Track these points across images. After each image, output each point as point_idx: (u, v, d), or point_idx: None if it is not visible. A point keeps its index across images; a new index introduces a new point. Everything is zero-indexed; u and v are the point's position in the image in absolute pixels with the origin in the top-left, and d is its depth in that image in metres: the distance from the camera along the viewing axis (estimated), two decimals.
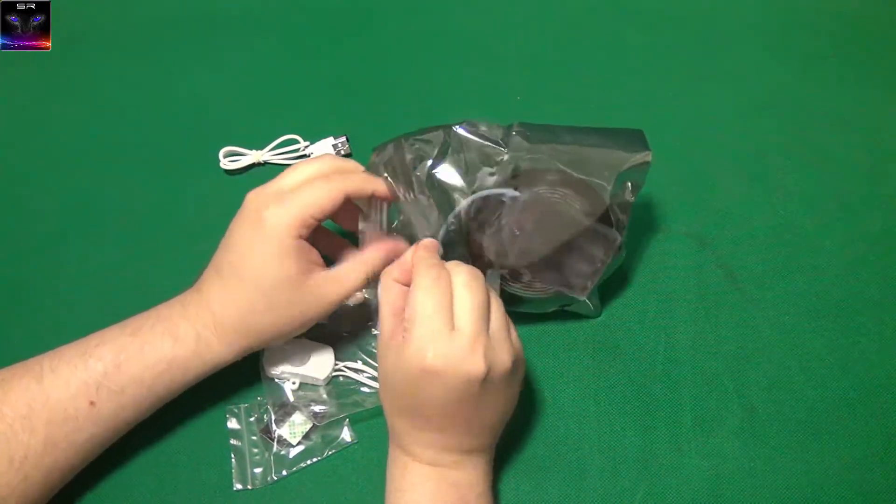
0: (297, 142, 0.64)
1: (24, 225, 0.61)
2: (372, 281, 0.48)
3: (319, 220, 0.45)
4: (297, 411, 0.50)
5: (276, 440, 0.49)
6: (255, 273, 0.44)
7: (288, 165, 0.55)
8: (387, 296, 0.44)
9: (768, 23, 0.76)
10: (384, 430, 0.49)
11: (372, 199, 0.48)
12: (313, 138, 0.64)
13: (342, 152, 0.64)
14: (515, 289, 0.50)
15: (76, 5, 0.76)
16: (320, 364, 0.51)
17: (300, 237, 0.45)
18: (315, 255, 0.47)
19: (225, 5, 0.77)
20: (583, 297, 0.50)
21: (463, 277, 0.42)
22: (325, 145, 0.64)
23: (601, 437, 0.50)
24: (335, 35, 0.75)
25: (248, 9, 0.77)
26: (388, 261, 0.47)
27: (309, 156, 0.64)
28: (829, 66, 0.72)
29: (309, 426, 0.49)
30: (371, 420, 0.50)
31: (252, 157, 0.63)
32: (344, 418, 0.50)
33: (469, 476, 0.44)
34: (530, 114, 0.68)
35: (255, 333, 0.46)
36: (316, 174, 0.46)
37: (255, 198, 0.46)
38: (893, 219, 0.61)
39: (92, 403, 0.43)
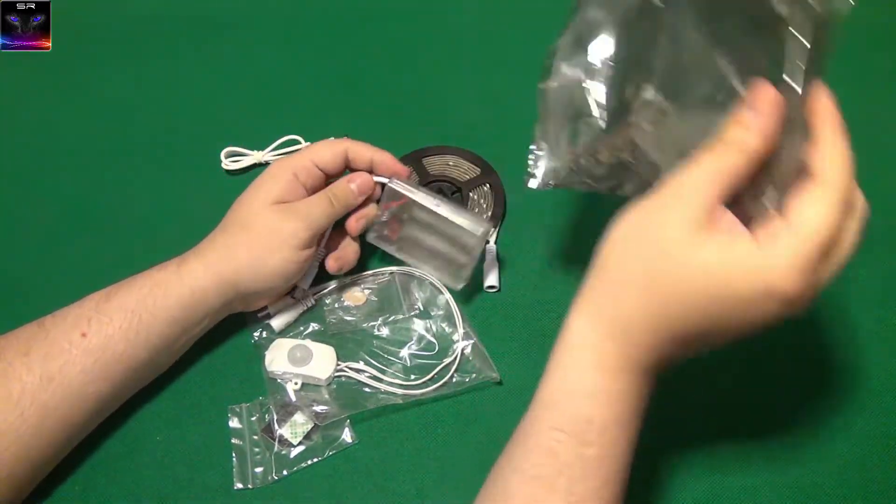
0: (298, 142, 0.64)
1: (24, 225, 0.61)
2: (337, 213, 0.51)
3: (319, 167, 0.52)
4: (299, 411, 0.50)
5: (277, 440, 0.49)
6: (242, 199, 0.50)
7: None
8: (723, 159, 0.34)
9: None
10: (385, 430, 0.50)
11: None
12: (314, 138, 0.64)
13: None
14: None
15: (76, 5, 0.76)
16: (322, 364, 0.51)
17: (294, 175, 0.50)
18: (301, 195, 0.51)
19: (226, 6, 0.78)
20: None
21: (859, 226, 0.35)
22: None
23: None
24: (336, 35, 0.75)
25: (249, 9, 0.77)
26: (361, 192, 0.52)
27: None
28: (829, 66, 0.72)
29: (310, 426, 0.49)
30: (372, 420, 0.50)
31: (253, 157, 0.63)
32: (345, 419, 0.50)
33: (644, 406, 0.38)
34: (529, 114, 0.68)
35: (230, 254, 0.48)
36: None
37: None
38: (893, 219, 0.61)
39: (83, 335, 0.45)
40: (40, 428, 0.43)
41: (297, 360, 0.51)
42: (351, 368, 0.51)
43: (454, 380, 0.51)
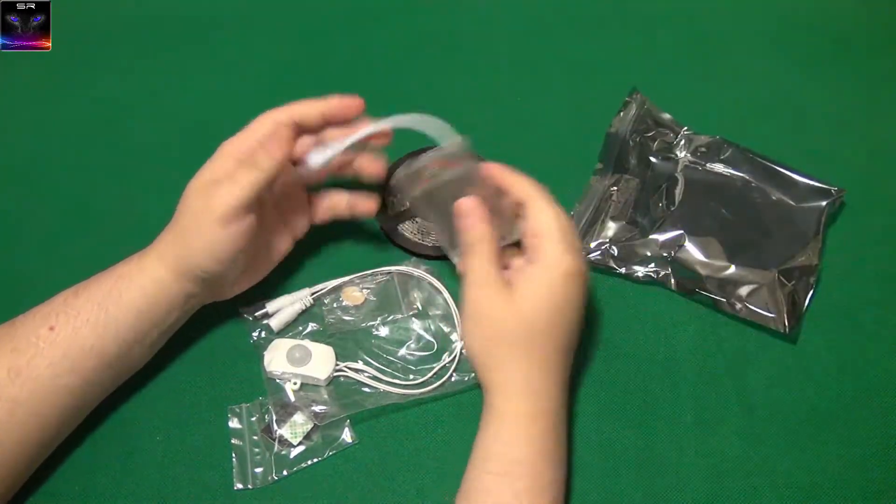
0: None
1: (24, 225, 0.61)
2: (265, 175, 0.47)
3: (264, 135, 0.50)
4: (299, 411, 0.50)
5: (277, 440, 0.49)
6: (191, 184, 0.48)
7: None
8: (482, 242, 0.47)
9: (769, 23, 0.77)
10: (385, 430, 0.50)
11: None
12: None
13: None
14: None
15: (76, 5, 0.76)
16: (321, 364, 0.51)
17: (236, 160, 0.48)
18: None
19: (225, 6, 0.78)
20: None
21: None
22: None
23: (601, 436, 0.50)
24: (336, 35, 0.75)
25: (248, 9, 0.77)
26: (286, 156, 0.49)
27: None
28: (829, 66, 0.72)
29: (310, 426, 0.49)
30: (372, 420, 0.50)
31: None
32: (345, 419, 0.50)
33: (564, 424, 0.46)
34: (529, 116, 0.68)
35: (176, 241, 0.48)
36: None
37: None
38: (893, 219, 0.61)
39: (51, 328, 0.45)
40: (9, 423, 0.43)
41: (296, 360, 0.51)
42: (350, 368, 0.51)
43: (453, 379, 0.52)
